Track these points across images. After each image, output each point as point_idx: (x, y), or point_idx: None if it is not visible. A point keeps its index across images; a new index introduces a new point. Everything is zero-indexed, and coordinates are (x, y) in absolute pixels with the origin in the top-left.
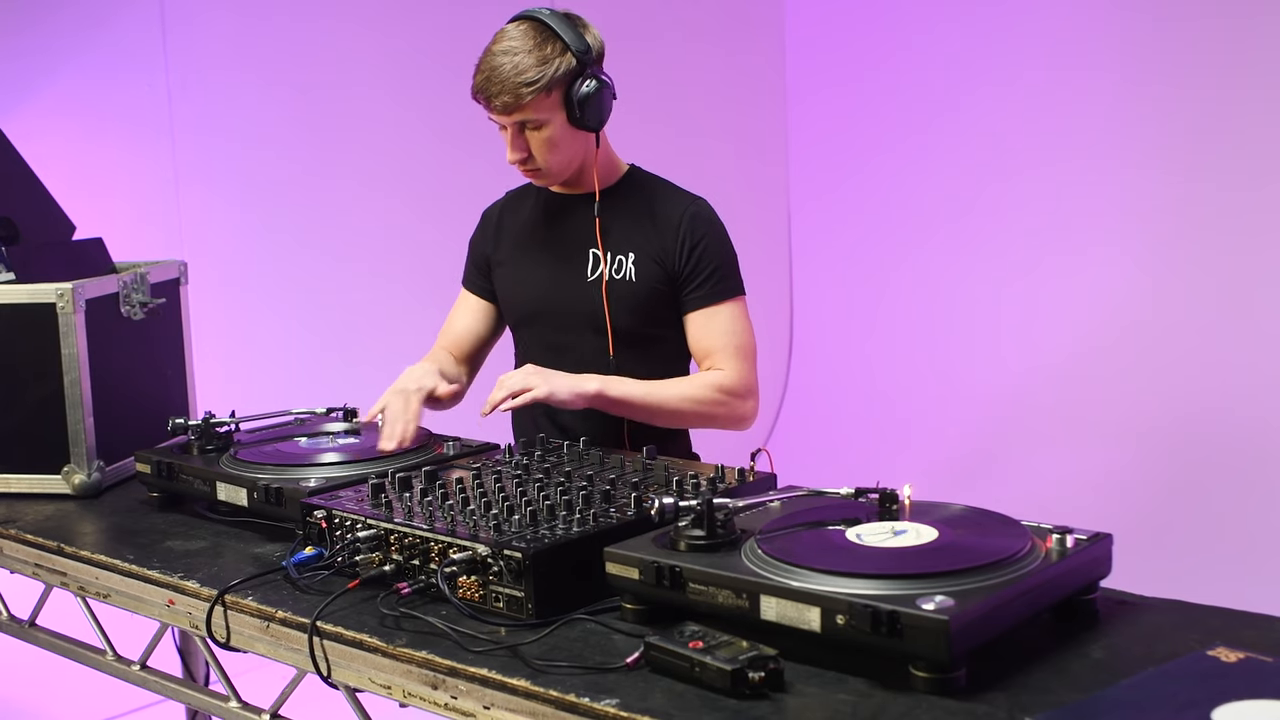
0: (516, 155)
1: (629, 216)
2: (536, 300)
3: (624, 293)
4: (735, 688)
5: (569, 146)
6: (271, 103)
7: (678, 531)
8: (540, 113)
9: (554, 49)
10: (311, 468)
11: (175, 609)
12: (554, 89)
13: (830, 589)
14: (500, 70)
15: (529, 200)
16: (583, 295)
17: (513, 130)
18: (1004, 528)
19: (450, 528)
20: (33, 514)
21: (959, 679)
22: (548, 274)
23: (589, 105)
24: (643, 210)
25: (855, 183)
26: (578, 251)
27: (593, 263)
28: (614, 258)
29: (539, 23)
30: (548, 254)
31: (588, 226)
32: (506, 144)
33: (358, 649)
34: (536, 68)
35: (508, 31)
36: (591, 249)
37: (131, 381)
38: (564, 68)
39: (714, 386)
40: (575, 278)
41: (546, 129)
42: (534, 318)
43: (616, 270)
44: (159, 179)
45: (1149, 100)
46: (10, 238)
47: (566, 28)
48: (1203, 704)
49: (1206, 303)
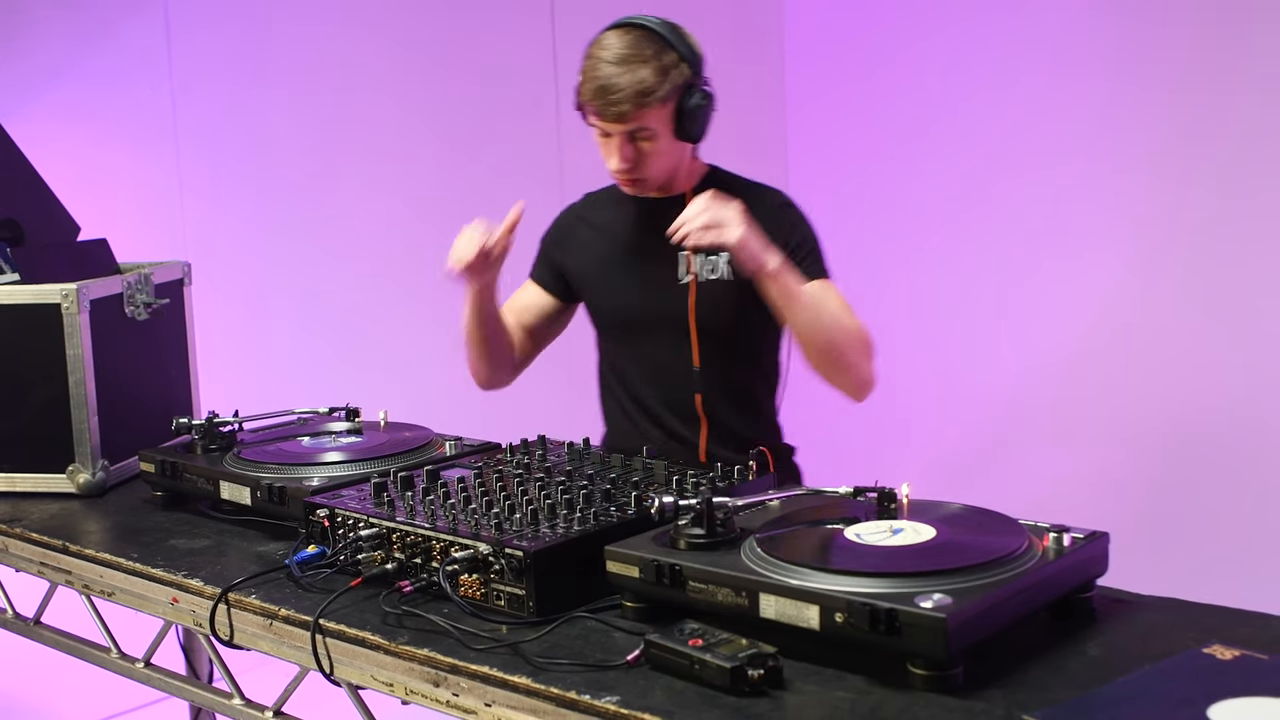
0: (623, 165)
1: None
2: (631, 308)
3: (719, 292)
4: (735, 685)
5: (672, 156)
6: (274, 105)
7: (678, 530)
8: (654, 123)
9: (671, 59)
10: (314, 467)
11: (179, 607)
12: (669, 100)
13: (829, 587)
14: (617, 80)
15: (612, 206)
16: (678, 299)
17: (621, 139)
18: (1001, 526)
19: (452, 526)
20: (38, 513)
21: (957, 676)
22: (641, 280)
23: (698, 116)
24: None
25: (854, 187)
26: (670, 255)
27: (684, 265)
28: (707, 259)
29: (652, 32)
30: (640, 260)
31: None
32: (609, 152)
33: (360, 647)
34: (657, 78)
35: (618, 39)
36: (683, 252)
37: (136, 381)
38: (681, 79)
39: (865, 334)
40: (668, 282)
41: (657, 139)
42: (631, 325)
43: (711, 270)
44: (163, 181)
45: (1144, 105)
46: (15, 239)
47: (678, 38)
48: (1199, 701)
49: (1202, 304)
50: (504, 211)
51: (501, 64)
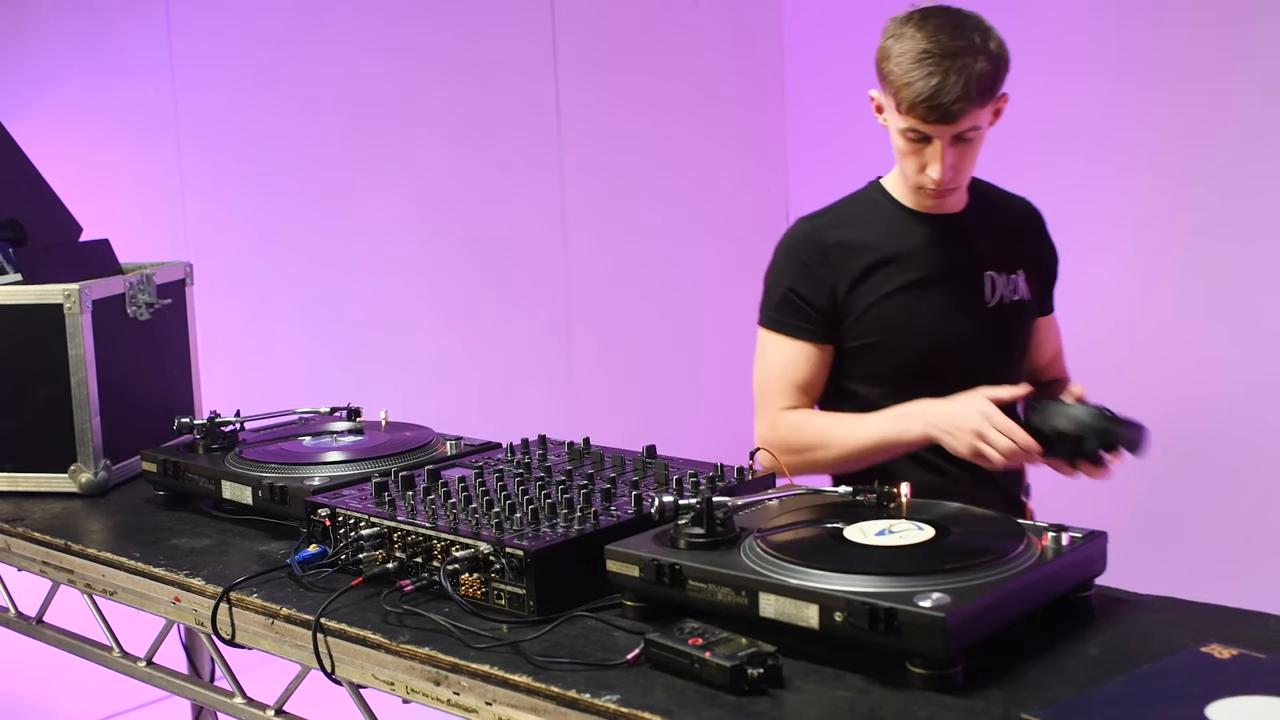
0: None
1: (1004, 229)
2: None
3: (1024, 314)
4: (734, 684)
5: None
6: (275, 105)
7: (677, 529)
8: (981, 120)
9: (996, 45)
10: (315, 466)
11: (181, 606)
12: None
13: (828, 586)
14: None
15: (866, 227)
16: (984, 326)
17: (944, 144)
18: (1000, 526)
19: (453, 526)
20: (40, 512)
21: (956, 675)
22: (943, 307)
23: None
24: (1010, 219)
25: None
26: (971, 276)
27: (989, 287)
28: (1008, 278)
29: (969, 16)
30: (938, 283)
31: (971, 247)
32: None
33: (361, 646)
34: (993, 68)
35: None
36: (987, 271)
37: (137, 381)
38: (1007, 67)
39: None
40: (974, 306)
41: (977, 140)
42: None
43: (1012, 291)
44: (165, 181)
45: (1144, 105)
46: (18, 239)
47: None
48: (1197, 700)
49: (1201, 304)
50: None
51: (502, 64)
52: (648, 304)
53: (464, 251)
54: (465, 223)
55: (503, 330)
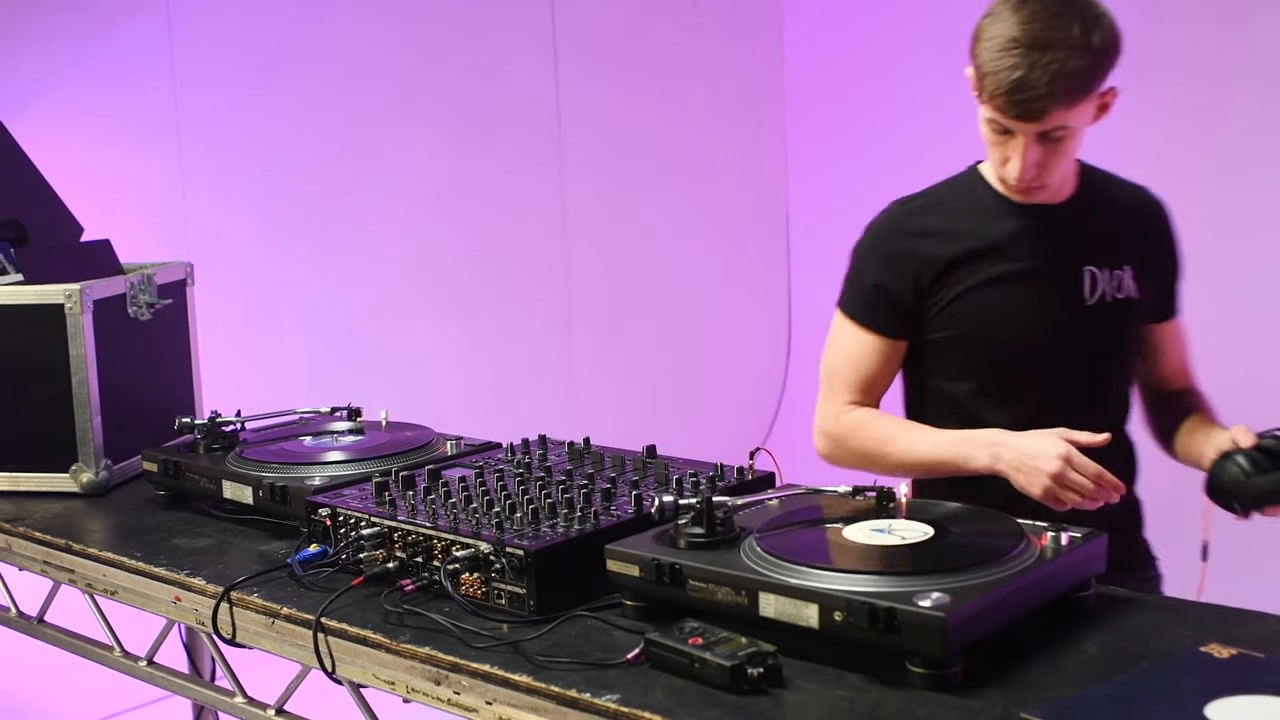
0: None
1: (1112, 222)
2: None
3: (1128, 313)
4: (734, 683)
5: (1072, 156)
6: (276, 105)
7: (677, 529)
8: (1073, 119)
9: (1100, 40)
10: (316, 466)
11: (182, 606)
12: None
13: (828, 586)
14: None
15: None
16: (1083, 324)
17: (1028, 140)
18: (999, 526)
19: (453, 525)
20: (41, 512)
21: (955, 675)
22: (1036, 301)
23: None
24: (1120, 212)
25: (854, 180)
26: (1069, 271)
27: (1090, 283)
28: (1111, 274)
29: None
30: (1033, 277)
31: (1070, 240)
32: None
33: (362, 645)
34: (1091, 67)
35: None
36: (1087, 267)
37: (138, 381)
38: (1108, 63)
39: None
40: (1072, 303)
41: (1069, 138)
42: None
43: (1116, 289)
44: (165, 181)
45: (1145, 100)
46: (19, 239)
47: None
48: (1196, 700)
49: (1200, 302)
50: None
51: (502, 62)
52: (648, 303)
53: (464, 250)
54: (465, 221)
55: (503, 330)
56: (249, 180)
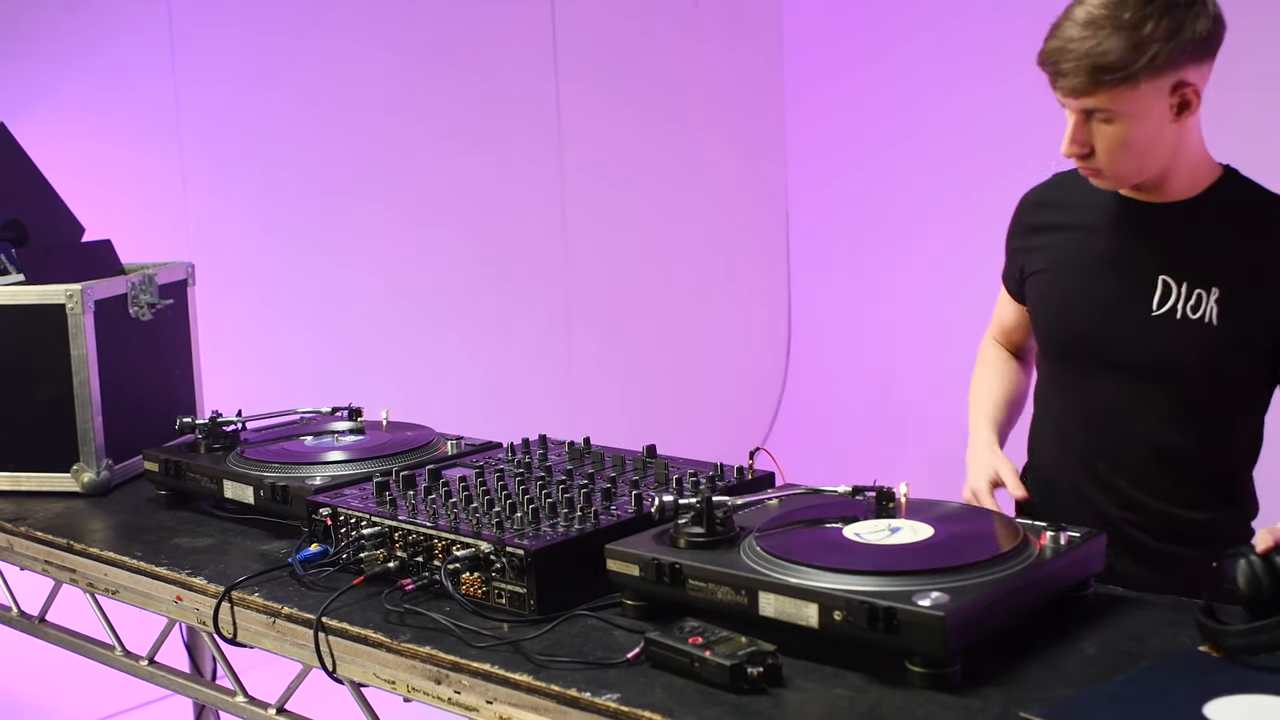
0: (1074, 149)
1: (1221, 237)
2: (1080, 330)
3: (1199, 336)
4: (734, 683)
5: (1143, 149)
6: (277, 104)
7: (678, 529)
8: (1118, 105)
9: (1157, 29)
10: (317, 466)
11: (183, 605)
12: (1142, 81)
13: (828, 585)
14: (1075, 44)
15: (1088, 192)
16: (1143, 332)
17: (1077, 118)
18: (999, 525)
19: (453, 525)
20: (43, 512)
21: (954, 674)
22: (1102, 296)
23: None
24: (1241, 230)
25: (853, 180)
26: (1145, 275)
27: (1162, 292)
28: (1192, 290)
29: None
30: (1106, 271)
31: (1163, 244)
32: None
33: (362, 644)
34: (1128, 51)
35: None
36: (1163, 275)
37: (140, 381)
38: (1163, 57)
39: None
40: (1137, 308)
41: (1120, 124)
42: (1075, 351)
43: (1194, 308)
44: (167, 182)
45: None
46: (20, 240)
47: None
48: (1195, 699)
49: None
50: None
51: (503, 62)
52: (648, 303)
53: (465, 250)
54: (466, 221)
55: (503, 330)
56: (250, 180)
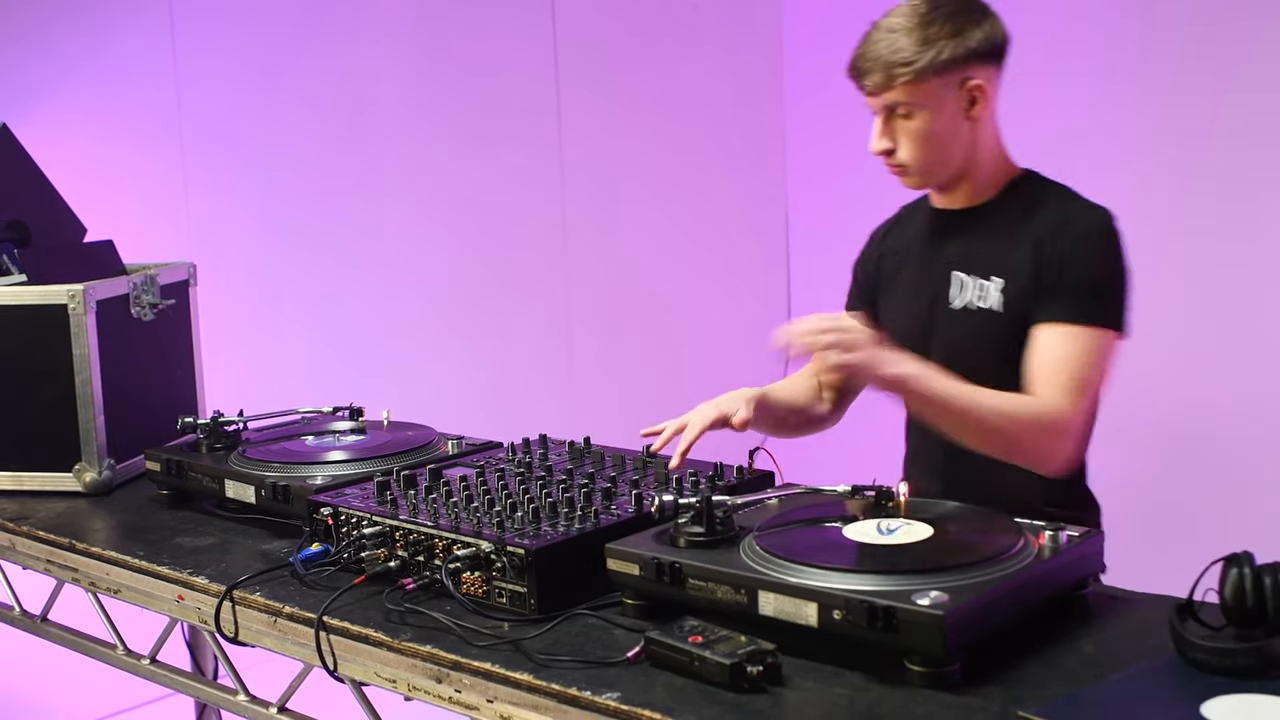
0: (879, 145)
1: (1003, 233)
2: (904, 330)
3: (987, 324)
4: (734, 682)
5: (940, 141)
6: (278, 105)
7: (677, 528)
8: (912, 98)
9: (942, 30)
10: (318, 466)
11: (184, 604)
12: (931, 76)
13: (827, 585)
14: (874, 47)
15: (916, 217)
16: (947, 325)
17: (881, 116)
18: (997, 525)
19: (454, 524)
20: (45, 511)
21: (953, 673)
22: (916, 300)
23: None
24: (1019, 225)
25: (853, 184)
26: (943, 273)
27: (957, 287)
28: (977, 282)
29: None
30: (921, 278)
31: (959, 243)
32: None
33: (363, 643)
34: (917, 48)
35: (899, 8)
36: (957, 271)
37: (141, 381)
38: (947, 54)
39: (1038, 411)
40: (938, 305)
41: (918, 119)
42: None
43: (981, 297)
44: (168, 182)
45: (1144, 103)
46: (22, 240)
47: (965, 12)
48: (1192, 698)
49: (1199, 303)
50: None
51: (503, 64)
52: (648, 303)
53: (466, 251)
54: (467, 223)
55: (504, 330)
56: (251, 181)
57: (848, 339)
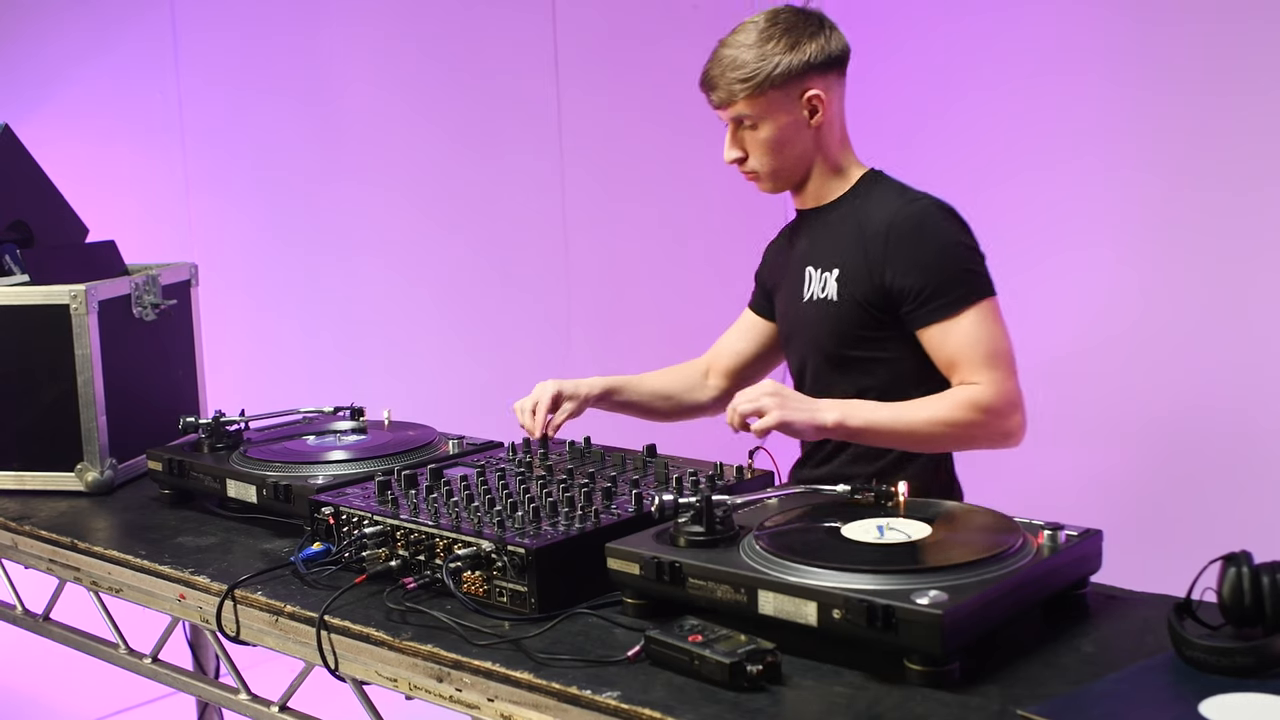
0: (731, 154)
1: (841, 228)
2: (783, 325)
3: (824, 312)
4: (734, 680)
5: (784, 148)
6: (280, 107)
7: (677, 528)
8: (755, 109)
9: (778, 46)
10: (319, 465)
11: (186, 603)
12: (769, 89)
13: (827, 584)
14: (720, 63)
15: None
16: (800, 317)
17: (731, 129)
18: (996, 524)
19: (455, 524)
20: (47, 510)
21: (952, 672)
22: (786, 296)
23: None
24: (853, 222)
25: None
26: (798, 270)
27: (806, 281)
28: (821, 275)
29: (777, 16)
30: (788, 275)
31: (808, 240)
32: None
33: (364, 642)
34: (756, 63)
35: (744, 25)
36: (807, 266)
37: (143, 381)
38: (783, 66)
39: (969, 404)
40: (797, 299)
41: (763, 129)
42: (783, 344)
43: (822, 289)
44: (170, 183)
45: (1142, 103)
46: (25, 240)
47: (801, 27)
48: (1190, 696)
49: (1197, 302)
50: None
51: (504, 67)
52: (647, 303)
53: (466, 252)
54: (467, 223)
55: (504, 330)
56: (252, 182)
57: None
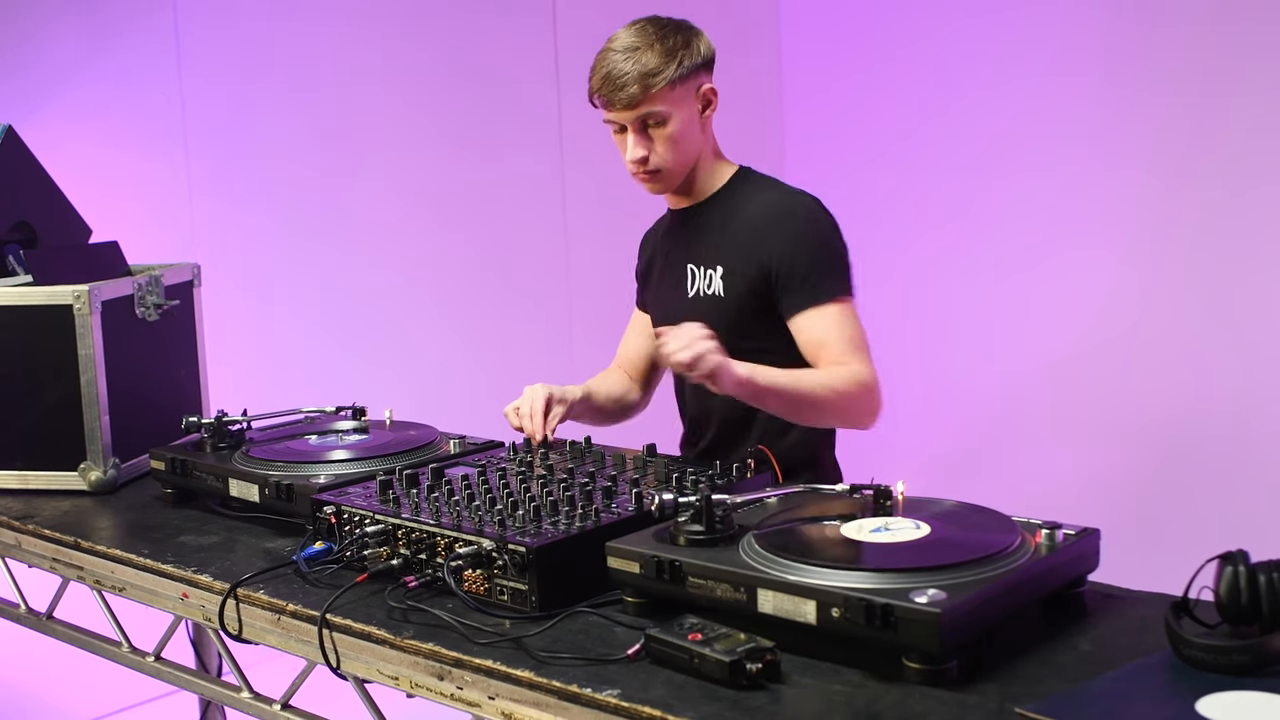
0: (637, 154)
1: (720, 225)
2: (662, 321)
3: (714, 308)
4: (733, 679)
5: (687, 143)
6: (282, 108)
7: (677, 526)
8: (664, 105)
9: (676, 42)
10: (321, 465)
11: (189, 602)
12: (677, 83)
13: (826, 583)
14: (622, 66)
15: (664, 220)
16: (684, 313)
17: (634, 128)
18: (994, 523)
19: (456, 523)
20: (50, 510)
21: (950, 670)
22: (666, 293)
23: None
24: (733, 217)
25: (849, 185)
26: (679, 267)
27: (689, 278)
28: (705, 272)
29: (656, 21)
30: (665, 273)
31: (688, 238)
32: (624, 147)
33: (366, 641)
34: (662, 59)
35: (625, 32)
36: (689, 264)
37: (146, 381)
38: (687, 62)
39: (852, 379)
40: (678, 296)
41: (671, 124)
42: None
43: (707, 285)
44: (173, 184)
45: (1141, 105)
46: (28, 241)
47: (684, 29)
48: (1187, 695)
49: (1195, 303)
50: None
51: (505, 67)
52: None
53: (468, 253)
54: (469, 224)
55: (505, 331)
56: (255, 183)
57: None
